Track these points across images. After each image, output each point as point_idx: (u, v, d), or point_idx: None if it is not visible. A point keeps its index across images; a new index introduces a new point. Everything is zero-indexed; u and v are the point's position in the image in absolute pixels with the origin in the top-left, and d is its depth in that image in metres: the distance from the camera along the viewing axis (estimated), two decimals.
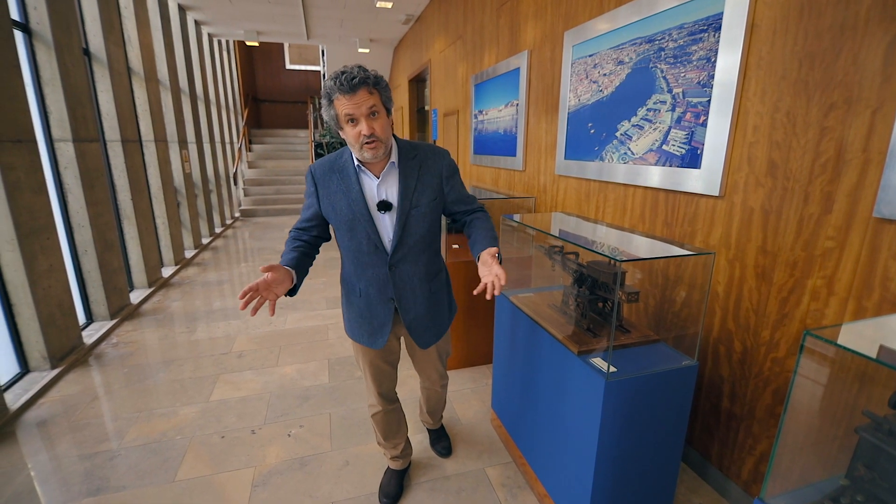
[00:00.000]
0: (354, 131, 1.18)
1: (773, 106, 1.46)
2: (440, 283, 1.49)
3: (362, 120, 1.17)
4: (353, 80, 1.13)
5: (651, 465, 1.41)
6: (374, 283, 1.38)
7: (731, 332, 1.66)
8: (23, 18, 2.84)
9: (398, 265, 1.35)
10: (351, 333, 1.52)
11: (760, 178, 1.51)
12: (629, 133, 2.08)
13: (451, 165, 1.39)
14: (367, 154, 1.21)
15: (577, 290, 1.53)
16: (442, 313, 1.52)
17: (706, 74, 1.65)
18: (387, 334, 1.43)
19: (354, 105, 1.15)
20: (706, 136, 1.67)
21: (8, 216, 2.39)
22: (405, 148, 1.33)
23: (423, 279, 1.40)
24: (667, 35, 1.82)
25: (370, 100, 1.17)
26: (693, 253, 1.35)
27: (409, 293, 1.40)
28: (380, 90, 1.20)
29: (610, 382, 1.22)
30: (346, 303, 1.50)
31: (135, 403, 2.40)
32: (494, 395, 2.13)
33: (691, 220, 1.80)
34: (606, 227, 1.94)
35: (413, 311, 1.42)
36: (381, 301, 1.40)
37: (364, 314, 1.44)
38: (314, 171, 1.34)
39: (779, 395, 1.52)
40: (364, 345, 1.49)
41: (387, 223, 1.32)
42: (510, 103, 3.42)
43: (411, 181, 1.30)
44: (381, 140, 1.20)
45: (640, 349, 1.42)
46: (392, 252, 1.32)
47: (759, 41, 1.49)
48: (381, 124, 1.20)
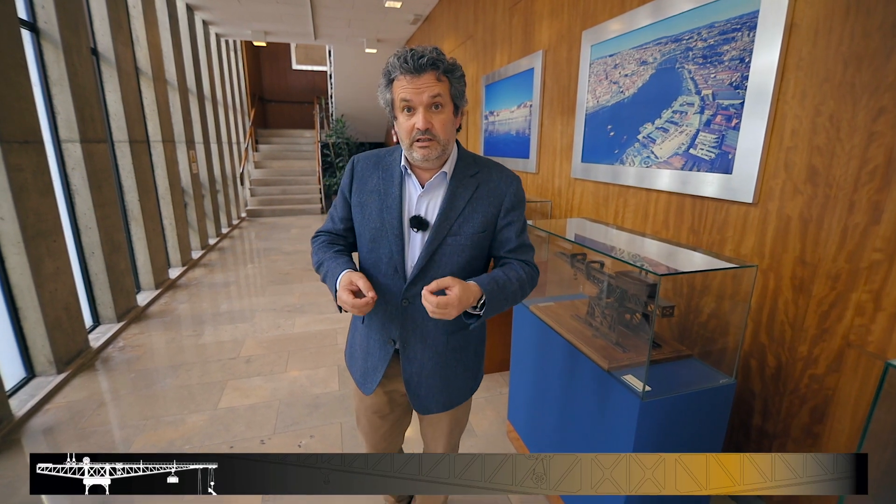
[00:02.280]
0: (408, 123, 0.97)
1: (815, 109, 1.38)
2: (466, 341, 1.17)
3: (420, 110, 0.95)
4: (421, 60, 0.93)
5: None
6: (379, 314, 1.12)
7: (765, 345, 1.58)
8: (30, 17, 2.80)
9: (413, 301, 1.07)
10: (349, 363, 1.28)
11: (799, 184, 1.44)
12: (652, 136, 2.01)
13: (518, 195, 1.09)
14: (416, 154, 0.99)
15: (604, 301, 1.46)
16: (458, 378, 1.17)
17: (739, 76, 1.58)
18: (376, 382, 1.16)
19: (415, 90, 0.94)
20: (739, 140, 1.59)
21: (14, 219, 2.35)
22: (466, 160, 1.09)
23: (442, 328, 1.11)
24: (695, 34, 1.75)
25: (436, 87, 0.95)
26: (736, 266, 1.27)
27: (419, 340, 1.11)
28: (452, 79, 0.98)
29: (645, 403, 1.15)
30: (352, 327, 1.26)
31: (142, 410, 2.35)
32: (511, 406, 2.06)
33: (720, 228, 1.73)
34: (632, 234, 1.87)
35: (417, 364, 1.12)
36: (381, 339, 1.13)
37: (362, 347, 1.19)
38: (356, 161, 1.12)
39: (817, 413, 1.44)
40: (355, 382, 1.24)
41: (416, 245, 1.06)
42: (523, 104, 3.35)
43: (459, 201, 1.04)
44: (439, 140, 0.98)
45: (672, 365, 1.35)
46: (409, 282, 1.05)
47: (799, 41, 1.41)
48: (443, 120, 0.98)
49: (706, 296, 1.76)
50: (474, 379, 1.23)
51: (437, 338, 1.11)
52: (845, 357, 1.34)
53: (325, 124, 11.58)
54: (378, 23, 6.59)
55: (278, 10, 5.99)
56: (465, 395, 1.21)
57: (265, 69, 11.93)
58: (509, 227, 1.08)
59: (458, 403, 1.21)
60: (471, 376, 1.21)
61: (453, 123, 1.02)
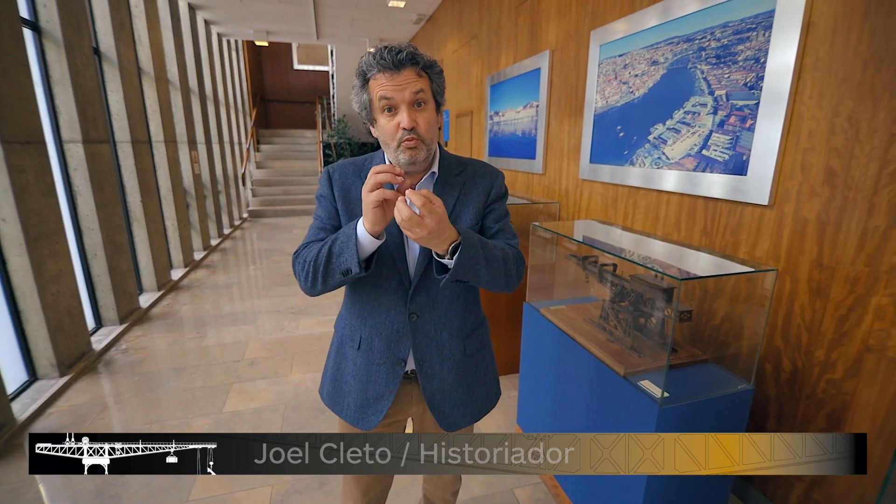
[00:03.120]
0: (392, 123, 0.91)
1: (833, 110, 1.36)
2: (480, 342, 1.11)
3: (403, 108, 0.89)
4: (400, 55, 0.87)
5: (700, 495, 1.31)
6: (382, 334, 1.02)
7: (780, 349, 1.56)
8: (32, 16, 2.78)
9: (422, 313, 1.01)
10: (329, 400, 1.12)
11: (816, 186, 1.41)
12: (664, 137, 1.98)
13: (502, 188, 1.07)
14: (403, 157, 0.92)
15: (619, 305, 1.44)
16: (480, 386, 1.11)
17: (754, 76, 1.56)
18: (382, 412, 1.04)
19: (396, 87, 0.88)
20: (753, 142, 1.57)
21: (16, 220, 2.32)
22: (450, 160, 1.05)
23: (455, 335, 1.04)
24: (708, 34, 1.73)
25: (417, 83, 0.89)
26: (756, 270, 1.25)
27: (436, 353, 1.04)
28: (431, 75, 0.93)
29: (664, 409, 1.13)
30: (335, 355, 1.12)
31: (145, 414, 2.32)
32: (520, 410, 2.04)
33: (734, 230, 1.70)
34: (644, 236, 1.84)
35: (438, 380, 1.05)
36: (387, 362, 1.03)
37: (357, 376, 1.06)
38: (332, 172, 1.04)
39: (834, 418, 1.42)
40: (346, 420, 1.07)
41: (415, 253, 1.00)
42: (529, 104, 3.33)
43: (449, 200, 1.00)
44: (424, 139, 0.92)
45: (689, 370, 1.33)
46: (412, 294, 1.00)
47: (817, 41, 1.39)
48: (427, 119, 0.92)
49: (720, 299, 1.74)
50: (495, 382, 1.17)
51: (454, 346, 1.05)
52: (864, 362, 1.32)
53: (326, 124, 11.55)
54: (381, 22, 6.57)
55: (281, 9, 5.97)
56: (493, 400, 1.16)
57: (266, 69, 11.91)
58: (490, 215, 1.04)
59: (486, 412, 1.14)
60: (492, 379, 1.16)
61: (436, 122, 0.97)
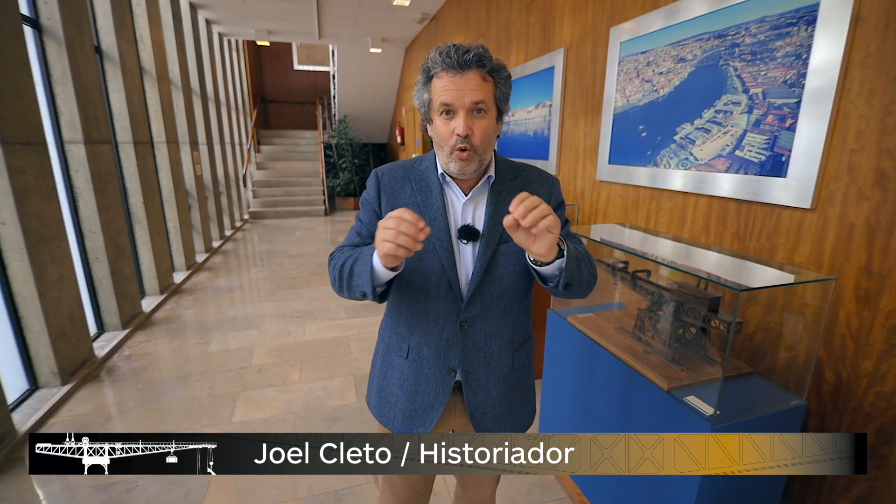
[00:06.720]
0: (447, 127, 0.87)
1: (884, 109, 1.28)
2: (527, 356, 1.08)
3: (461, 114, 0.85)
4: (466, 55, 0.84)
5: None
6: (432, 342, 0.98)
7: (822, 359, 1.48)
8: (33, 13, 2.69)
9: (473, 322, 0.97)
10: (376, 410, 1.09)
11: (865, 189, 1.34)
12: (691, 137, 1.91)
13: (559, 196, 1.04)
14: (454, 166, 0.89)
15: (655, 314, 1.36)
16: (521, 402, 1.08)
17: (795, 73, 1.48)
18: (432, 423, 1.00)
19: (457, 91, 0.84)
20: (794, 142, 1.50)
21: (17, 224, 2.24)
22: (504, 166, 1.00)
23: (504, 347, 1.00)
24: (743, 29, 1.65)
25: (481, 89, 0.86)
26: (814, 280, 1.18)
27: (483, 365, 0.99)
28: (497, 80, 0.90)
29: (717, 428, 1.06)
30: (381, 364, 1.08)
31: (150, 425, 2.24)
32: (543, 420, 1.96)
33: (770, 235, 1.63)
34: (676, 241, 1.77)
35: (482, 393, 1.01)
36: (437, 372, 0.99)
37: (405, 386, 1.02)
38: (381, 175, 1.00)
39: (884, 433, 1.35)
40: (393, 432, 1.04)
41: (467, 258, 0.96)
42: (542, 104, 3.25)
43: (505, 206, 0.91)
44: (478, 151, 0.88)
45: (734, 384, 1.26)
46: (467, 302, 0.95)
47: (866, 36, 1.32)
48: (485, 127, 0.88)
49: (752, 305, 1.67)
50: (533, 401, 1.12)
51: (502, 359, 1.00)
52: None
53: (327, 125, 11.47)
54: (384, 21, 6.49)
55: (283, 8, 5.89)
56: (531, 419, 1.11)
57: (266, 69, 11.81)
58: None
59: (525, 430, 1.09)
60: (532, 397, 1.11)
61: (494, 131, 0.92)
